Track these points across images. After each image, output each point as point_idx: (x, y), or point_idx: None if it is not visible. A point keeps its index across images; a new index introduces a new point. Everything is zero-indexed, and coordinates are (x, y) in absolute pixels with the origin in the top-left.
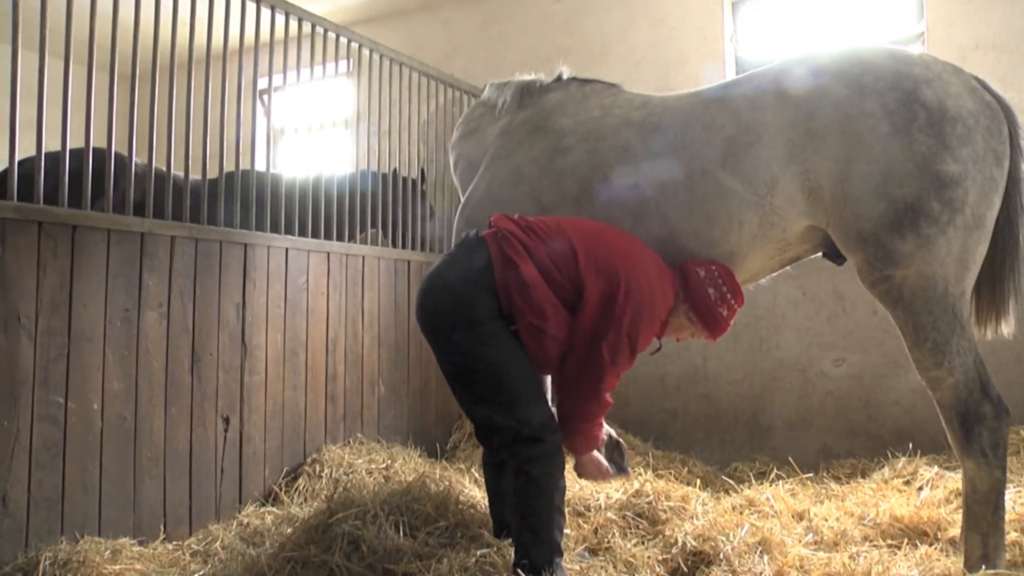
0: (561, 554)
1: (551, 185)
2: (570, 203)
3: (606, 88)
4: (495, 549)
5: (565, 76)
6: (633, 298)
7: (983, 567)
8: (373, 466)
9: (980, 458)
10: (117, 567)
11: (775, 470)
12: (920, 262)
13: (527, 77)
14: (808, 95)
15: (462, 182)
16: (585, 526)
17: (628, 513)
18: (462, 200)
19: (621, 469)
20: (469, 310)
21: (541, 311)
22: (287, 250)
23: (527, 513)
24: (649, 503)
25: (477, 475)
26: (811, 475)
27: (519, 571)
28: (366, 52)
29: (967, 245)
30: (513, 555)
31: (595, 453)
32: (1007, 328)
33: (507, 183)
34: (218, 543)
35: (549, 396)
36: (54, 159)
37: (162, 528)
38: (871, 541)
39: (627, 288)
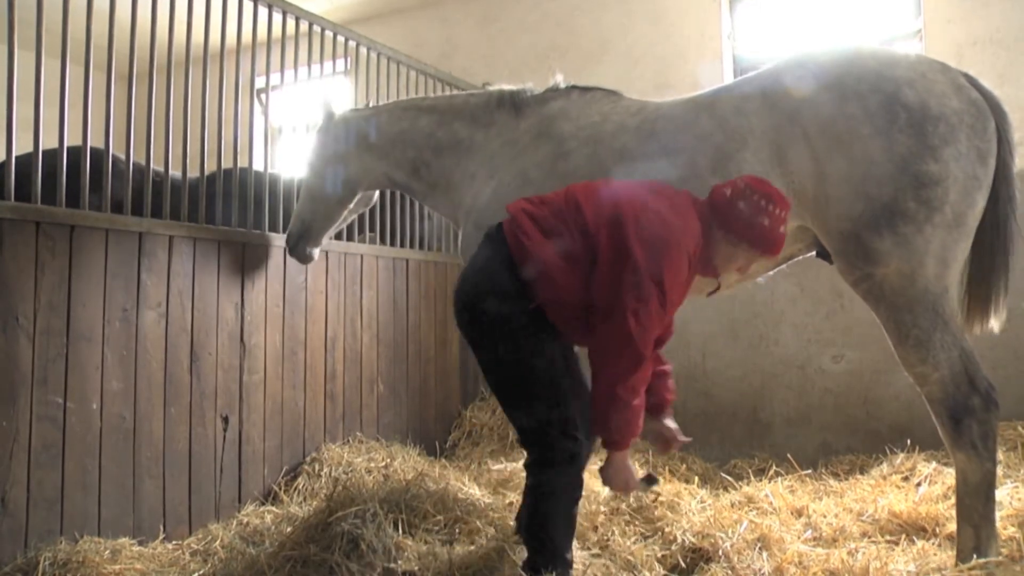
0: (566, 562)
1: (556, 187)
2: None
3: (606, 95)
4: (494, 546)
5: (561, 85)
6: (645, 231)
7: (975, 558)
8: (372, 464)
9: (971, 450)
10: (117, 567)
11: (774, 467)
12: (899, 260)
13: (507, 87)
14: (791, 100)
15: (462, 197)
16: (585, 523)
17: (627, 510)
18: (465, 208)
19: (649, 481)
20: (492, 304)
21: (555, 280)
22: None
23: (536, 516)
24: (648, 500)
25: (476, 473)
26: (810, 471)
27: (523, 573)
28: (364, 51)
29: (946, 243)
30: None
31: (627, 459)
32: (997, 324)
33: (513, 186)
34: (218, 542)
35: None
36: (51, 158)
37: (162, 528)
38: (869, 537)
39: (635, 222)
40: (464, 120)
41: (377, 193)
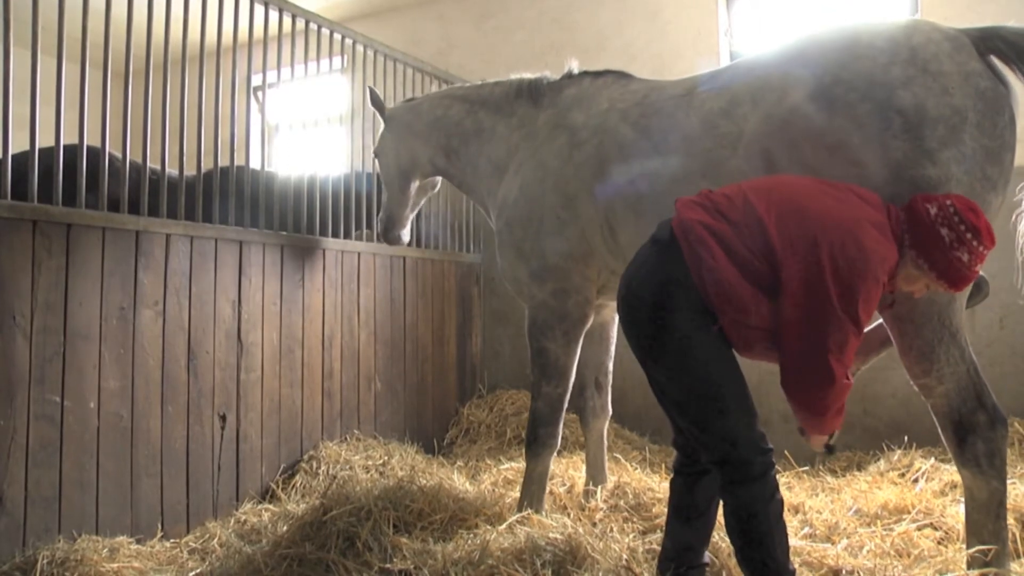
0: (792, 572)
1: (573, 176)
2: (588, 193)
3: (616, 80)
4: (488, 543)
5: (575, 71)
6: (841, 273)
7: None
8: (370, 462)
9: (975, 467)
10: (115, 565)
11: None
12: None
13: (527, 75)
14: (780, 107)
15: (489, 186)
16: (584, 518)
17: (625, 507)
18: (498, 203)
19: (830, 450)
20: (666, 316)
21: (742, 305)
22: (282, 247)
23: (748, 538)
24: (646, 497)
25: (473, 470)
26: (807, 468)
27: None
28: (360, 48)
29: None
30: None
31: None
32: None
33: (535, 180)
34: (215, 541)
35: None
36: (48, 156)
37: (160, 526)
38: (866, 533)
39: (832, 262)
40: (489, 109)
41: (440, 180)
